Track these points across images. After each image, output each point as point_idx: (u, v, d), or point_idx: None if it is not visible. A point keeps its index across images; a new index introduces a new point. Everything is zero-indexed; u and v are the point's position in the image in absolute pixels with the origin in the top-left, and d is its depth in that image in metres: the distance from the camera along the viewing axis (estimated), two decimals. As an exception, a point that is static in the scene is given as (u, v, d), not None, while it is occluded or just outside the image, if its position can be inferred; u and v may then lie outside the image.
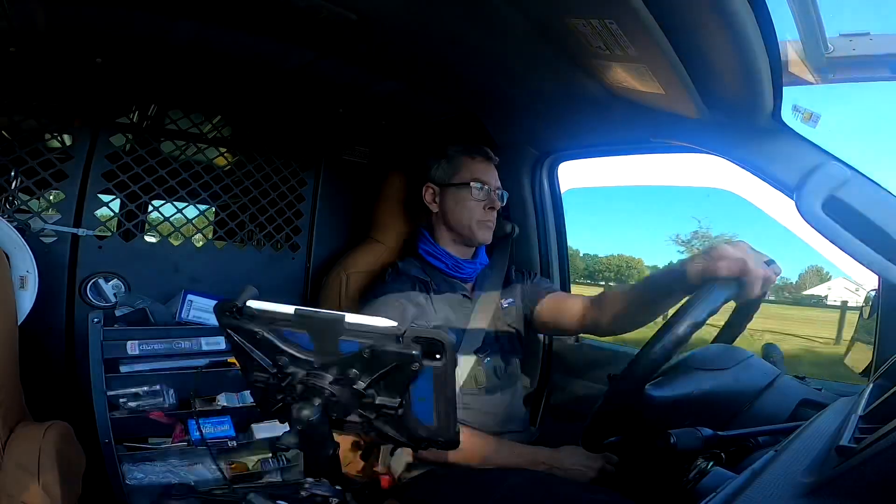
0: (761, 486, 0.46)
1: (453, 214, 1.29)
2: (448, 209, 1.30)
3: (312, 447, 0.69)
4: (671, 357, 0.71)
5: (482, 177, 1.29)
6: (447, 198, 1.30)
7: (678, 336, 0.70)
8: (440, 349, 0.61)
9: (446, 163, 1.32)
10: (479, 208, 1.28)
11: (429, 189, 1.32)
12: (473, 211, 1.27)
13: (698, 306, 0.71)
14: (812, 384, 0.97)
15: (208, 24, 1.21)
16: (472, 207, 1.27)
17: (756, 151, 0.99)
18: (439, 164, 1.32)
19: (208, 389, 1.47)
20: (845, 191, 0.80)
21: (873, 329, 0.96)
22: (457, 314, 1.25)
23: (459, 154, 1.32)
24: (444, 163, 1.32)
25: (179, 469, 1.34)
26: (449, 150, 1.33)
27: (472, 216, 1.27)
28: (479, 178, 1.29)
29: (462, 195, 1.28)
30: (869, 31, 0.92)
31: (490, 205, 1.29)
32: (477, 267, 1.32)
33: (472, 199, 1.27)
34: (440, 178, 1.31)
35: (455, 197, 1.29)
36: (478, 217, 1.28)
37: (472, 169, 1.30)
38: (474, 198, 1.27)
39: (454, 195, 1.29)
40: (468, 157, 1.32)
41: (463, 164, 1.31)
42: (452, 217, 1.29)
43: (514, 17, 0.94)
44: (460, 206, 1.28)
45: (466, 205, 1.28)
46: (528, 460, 1.07)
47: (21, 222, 1.29)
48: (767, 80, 0.84)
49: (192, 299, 1.45)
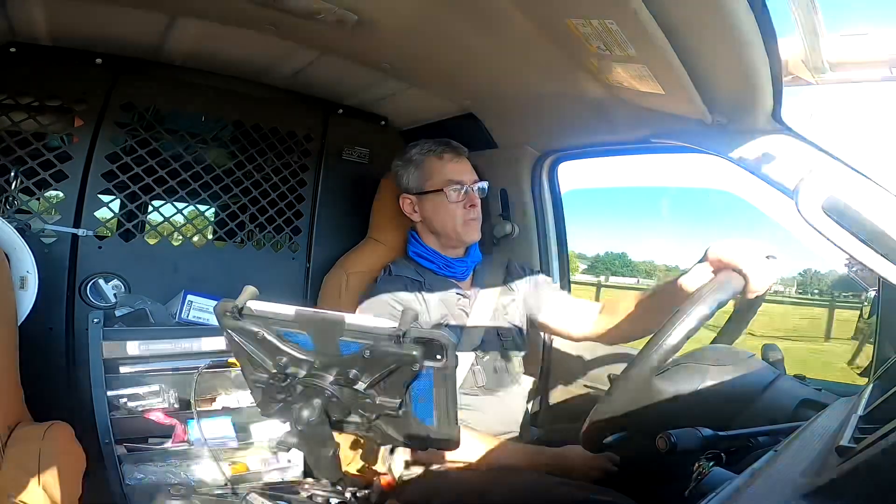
0: (761, 486, 0.46)
1: (436, 221, 1.27)
2: (429, 217, 1.27)
3: (312, 447, 0.69)
4: (679, 348, 0.72)
5: (455, 176, 1.26)
6: (425, 206, 1.27)
7: (687, 327, 0.70)
8: (441, 350, 0.61)
9: (415, 169, 1.28)
10: (459, 210, 1.25)
11: (406, 200, 1.29)
12: (454, 214, 1.25)
13: (706, 298, 0.72)
14: (812, 384, 0.97)
15: (208, 24, 1.21)
16: (453, 210, 1.25)
17: (756, 152, 0.99)
18: (408, 171, 1.29)
19: (208, 389, 1.47)
20: (845, 191, 0.80)
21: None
22: (452, 312, 1.24)
23: (425, 157, 1.28)
24: (412, 170, 1.28)
25: (179, 469, 1.34)
26: (414, 156, 1.29)
27: (455, 219, 1.25)
28: (453, 178, 1.25)
29: (439, 201, 1.25)
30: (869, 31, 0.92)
31: (470, 203, 1.25)
32: (469, 264, 1.31)
33: (450, 202, 1.24)
34: (414, 187, 1.28)
35: (433, 204, 1.26)
36: (461, 219, 1.25)
37: (442, 171, 1.26)
38: (452, 201, 1.24)
39: (432, 202, 1.26)
40: (436, 158, 1.28)
41: (433, 168, 1.27)
42: (436, 223, 1.27)
43: (514, 17, 0.94)
44: (441, 213, 1.25)
45: (446, 209, 1.25)
46: (528, 460, 1.07)
47: (21, 223, 1.29)
48: (767, 80, 0.84)
49: (192, 299, 1.45)
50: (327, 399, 0.66)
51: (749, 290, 0.80)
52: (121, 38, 1.28)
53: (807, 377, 1.01)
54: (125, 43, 1.31)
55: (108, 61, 1.33)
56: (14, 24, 1.20)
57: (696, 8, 0.74)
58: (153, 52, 1.36)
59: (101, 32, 1.25)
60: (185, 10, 1.16)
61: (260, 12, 1.08)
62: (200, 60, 1.40)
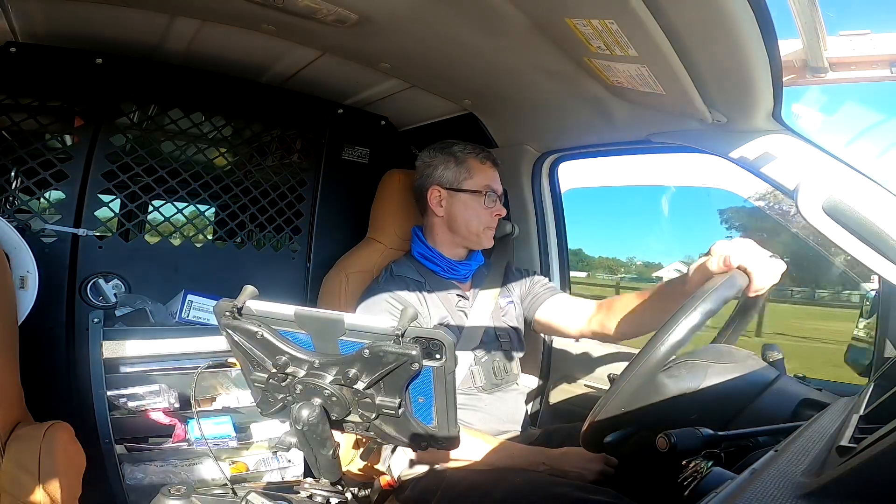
0: (761, 486, 0.46)
1: (461, 219, 1.27)
2: (456, 214, 1.28)
3: (312, 447, 0.69)
4: (683, 344, 0.72)
5: (493, 184, 1.29)
6: (456, 202, 1.28)
7: (690, 324, 0.70)
8: (440, 349, 0.61)
9: (455, 164, 1.28)
10: (487, 215, 1.27)
11: (435, 191, 1.29)
12: (482, 217, 1.27)
13: (710, 296, 0.72)
14: (812, 384, 0.97)
15: (208, 24, 1.21)
16: (482, 214, 1.27)
17: (756, 152, 0.99)
18: (447, 164, 1.29)
19: (208, 389, 1.47)
20: (845, 191, 0.80)
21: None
22: (452, 314, 1.24)
23: (468, 156, 1.29)
24: (452, 164, 1.29)
25: (179, 469, 1.34)
26: (456, 151, 1.30)
27: (482, 223, 1.27)
28: (491, 185, 1.28)
29: (473, 202, 1.27)
30: (869, 31, 0.92)
31: (497, 211, 1.29)
32: (471, 267, 1.32)
33: (483, 207, 1.27)
34: (449, 181, 1.28)
35: (465, 203, 1.27)
36: (486, 224, 1.28)
37: (483, 175, 1.28)
38: (486, 206, 1.27)
39: (465, 201, 1.27)
40: (478, 161, 1.29)
41: (475, 170, 1.28)
42: (460, 222, 1.28)
43: (513, 17, 0.94)
44: (470, 213, 1.27)
45: (476, 212, 1.27)
46: (527, 461, 1.06)
47: (21, 222, 1.29)
48: (767, 80, 0.84)
49: (192, 299, 1.45)
50: (327, 399, 0.66)
51: (753, 289, 0.80)
52: (121, 38, 1.28)
53: (807, 377, 1.01)
54: (125, 43, 1.31)
55: (108, 61, 1.33)
56: (14, 24, 1.20)
57: (696, 8, 0.74)
58: (153, 51, 1.36)
59: (101, 32, 1.25)
60: (185, 9, 1.16)
61: (260, 12, 1.09)
62: (200, 60, 1.40)
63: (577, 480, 0.99)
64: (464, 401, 1.18)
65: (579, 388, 1.48)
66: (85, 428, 1.23)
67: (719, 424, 0.75)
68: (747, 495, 0.45)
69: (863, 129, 1.92)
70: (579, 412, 1.38)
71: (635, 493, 0.90)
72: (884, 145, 2.09)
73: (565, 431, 1.20)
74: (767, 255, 0.81)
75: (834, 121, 1.18)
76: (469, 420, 1.18)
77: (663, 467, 0.72)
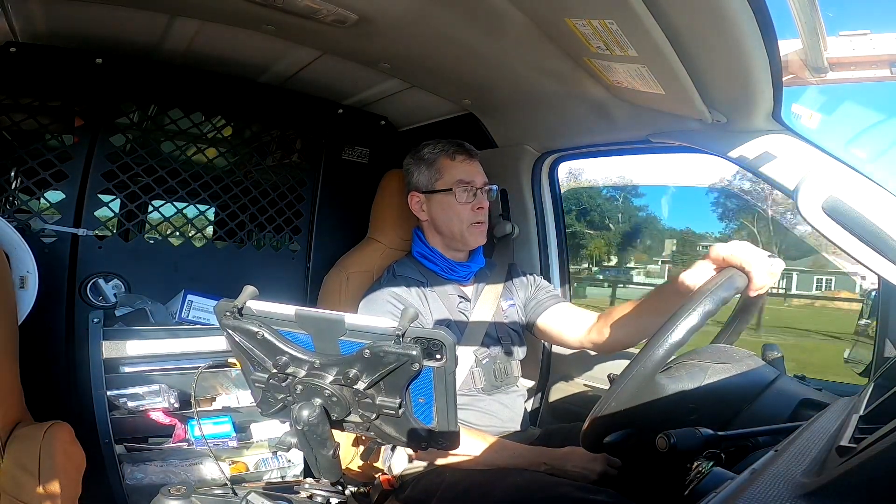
0: (761, 486, 0.46)
1: (441, 221, 1.27)
2: (436, 216, 1.27)
3: (312, 447, 0.69)
4: (683, 344, 0.72)
5: (465, 177, 1.26)
6: (433, 204, 1.27)
7: (690, 324, 0.70)
8: (441, 349, 0.61)
9: (426, 168, 1.28)
10: (466, 211, 1.25)
11: (414, 197, 1.29)
12: (462, 215, 1.25)
13: (710, 296, 0.72)
14: (812, 384, 0.97)
15: (208, 24, 1.21)
16: (460, 212, 1.24)
17: (756, 151, 0.99)
18: (419, 169, 1.29)
19: (208, 389, 1.47)
20: (845, 191, 0.80)
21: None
22: (453, 314, 1.24)
23: (438, 156, 1.28)
24: (423, 168, 1.28)
25: (179, 469, 1.34)
26: (426, 154, 1.29)
27: (462, 221, 1.25)
28: (463, 178, 1.25)
29: (448, 201, 1.25)
30: (869, 32, 0.92)
31: (478, 205, 1.26)
32: (472, 268, 1.31)
33: (458, 203, 1.24)
34: (423, 185, 1.28)
35: (441, 203, 1.26)
36: (467, 221, 1.25)
37: (453, 171, 1.26)
38: (460, 202, 1.24)
39: (440, 201, 1.26)
40: (447, 158, 1.27)
41: (444, 168, 1.27)
42: (442, 223, 1.27)
43: (513, 17, 0.94)
44: (448, 212, 1.25)
45: (454, 210, 1.25)
46: (528, 461, 1.06)
47: (21, 222, 1.29)
48: (767, 80, 0.84)
49: (192, 299, 1.45)
50: (327, 399, 0.66)
51: (752, 289, 0.80)
52: (121, 38, 1.28)
53: (807, 377, 1.01)
54: (125, 43, 1.31)
55: (108, 61, 1.33)
56: (14, 24, 1.20)
57: (696, 8, 0.74)
58: (153, 51, 1.36)
59: (101, 32, 1.25)
60: (185, 9, 1.16)
61: (260, 12, 1.09)
62: (200, 60, 1.40)
63: (578, 480, 0.99)
64: (464, 401, 1.18)
65: (579, 388, 1.48)
66: (85, 428, 1.23)
67: (719, 424, 0.75)
68: (747, 495, 0.45)
69: (863, 129, 1.93)
70: (579, 412, 1.38)
71: (636, 493, 0.90)
72: (884, 145, 2.08)
73: (565, 431, 1.20)
74: (766, 254, 0.81)
75: (834, 121, 1.18)
76: (469, 420, 1.18)
77: (663, 467, 0.72)
